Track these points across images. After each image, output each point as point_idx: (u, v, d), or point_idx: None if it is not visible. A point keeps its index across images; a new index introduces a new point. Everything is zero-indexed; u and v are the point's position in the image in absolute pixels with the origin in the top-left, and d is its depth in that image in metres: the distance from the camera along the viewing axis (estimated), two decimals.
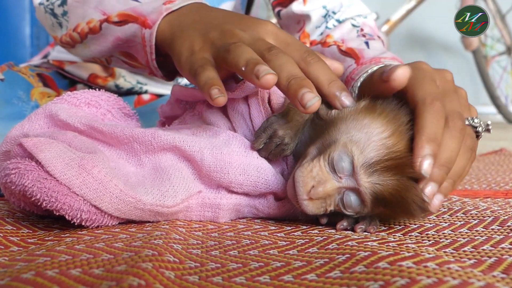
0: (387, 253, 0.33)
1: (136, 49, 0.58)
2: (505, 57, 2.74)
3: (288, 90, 0.41)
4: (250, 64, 0.40)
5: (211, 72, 0.42)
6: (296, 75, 0.41)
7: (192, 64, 0.45)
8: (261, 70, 0.39)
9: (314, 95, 0.39)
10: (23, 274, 0.29)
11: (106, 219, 0.43)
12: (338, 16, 0.76)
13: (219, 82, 0.41)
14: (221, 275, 0.32)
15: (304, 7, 0.78)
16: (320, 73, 0.44)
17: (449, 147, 0.43)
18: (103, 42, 0.60)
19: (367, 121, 0.43)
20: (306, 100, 0.39)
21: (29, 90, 0.75)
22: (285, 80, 0.41)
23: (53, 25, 0.68)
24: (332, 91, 0.44)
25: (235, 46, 0.43)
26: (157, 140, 0.47)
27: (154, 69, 0.57)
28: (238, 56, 0.41)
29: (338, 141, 0.42)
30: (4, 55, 1.38)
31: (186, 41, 0.48)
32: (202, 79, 0.42)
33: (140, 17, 0.55)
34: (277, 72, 0.41)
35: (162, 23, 0.53)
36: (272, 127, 0.46)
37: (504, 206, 0.54)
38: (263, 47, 0.43)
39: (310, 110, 0.39)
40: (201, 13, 0.52)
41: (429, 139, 0.42)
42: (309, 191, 0.41)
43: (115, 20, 0.57)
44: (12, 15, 1.43)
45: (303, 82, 0.40)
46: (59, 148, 0.42)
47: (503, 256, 0.35)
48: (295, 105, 0.40)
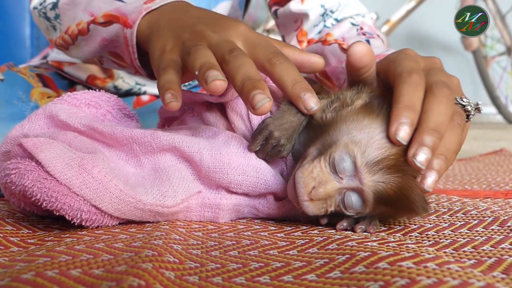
0: (387, 254, 0.33)
1: (121, 49, 0.58)
2: (505, 57, 2.74)
3: (242, 91, 0.40)
4: (203, 68, 0.40)
5: (171, 75, 0.42)
6: (251, 76, 0.40)
7: (159, 64, 0.45)
8: (210, 76, 0.39)
9: (265, 96, 0.39)
10: (23, 274, 0.29)
11: (106, 219, 0.43)
12: (336, 15, 0.76)
13: (175, 86, 0.41)
14: (221, 276, 0.32)
15: (302, 6, 0.78)
16: (284, 74, 0.44)
17: (436, 111, 0.41)
18: (92, 43, 0.61)
19: (367, 121, 0.43)
20: (256, 101, 0.39)
21: (29, 90, 0.75)
22: (239, 82, 0.41)
23: (48, 29, 0.68)
24: (295, 92, 0.43)
25: (196, 49, 0.43)
26: (156, 141, 0.47)
27: (138, 68, 0.57)
28: (195, 60, 0.41)
29: (339, 142, 0.42)
30: (4, 55, 1.38)
31: (160, 41, 0.48)
32: (161, 81, 0.42)
33: (122, 17, 0.55)
34: (233, 74, 0.41)
35: (142, 22, 0.53)
36: (268, 128, 0.46)
37: (504, 206, 0.54)
38: (225, 49, 0.43)
39: (259, 112, 0.39)
40: (179, 12, 0.52)
41: (405, 106, 0.41)
42: (310, 192, 0.41)
43: (100, 21, 0.58)
44: (12, 16, 1.43)
45: (256, 84, 0.40)
46: (59, 148, 0.42)
47: (503, 256, 0.35)
48: (247, 106, 0.40)
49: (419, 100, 0.42)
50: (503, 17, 2.57)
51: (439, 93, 0.42)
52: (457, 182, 0.78)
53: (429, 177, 0.41)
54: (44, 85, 0.78)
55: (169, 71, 0.43)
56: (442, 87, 0.43)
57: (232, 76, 0.41)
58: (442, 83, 0.43)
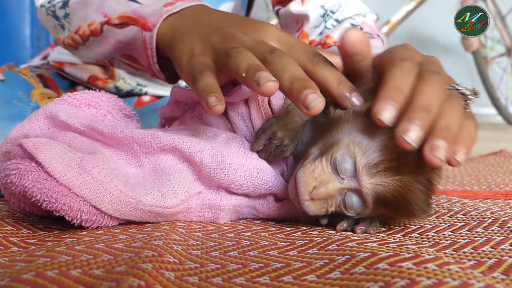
0: (387, 254, 0.33)
1: (138, 52, 0.57)
2: (505, 58, 2.74)
3: (291, 91, 0.39)
4: (251, 70, 0.39)
5: (210, 78, 0.41)
6: (299, 76, 0.40)
7: (191, 68, 0.44)
8: (262, 77, 0.38)
9: (318, 95, 0.38)
10: (23, 274, 0.29)
11: (106, 219, 0.43)
12: (336, 15, 0.76)
13: (217, 89, 0.40)
14: (221, 276, 0.32)
15: (302, 7, 0.77)
16: (328, 74, 0.43)
17: (426, 92, 0.38)
18: (105, 45, 0.60)
19: (369, 123, 0.43)
20: (309, 101, 0.38)
21: (29, 90, 0.75)
22: (287, 82, 0.39)
23: (56, 27, 0.67)
24: (342, 92, 0.43)
25: (236, 51, 0.42)
26: (157, 141, 0.47)
27: (157, 72, 0.56)
28: (239, 62, 0.40)
29: (341, 142, 0.42)
30: (4, 55, 1.38)
31: (186, 45, 0.47)
32: (200, 85, 0.41)
33: (141, 19, 0.54)
34: (279, 74, 0.40)
35: (162, 25, 0.52)
36: (272, 128, 0.46)
37: (504, 207, 0.54)
38: (265, 50, 0.42)
39: (313, 112, 0.38)
40: (202, 15, 0.51)
41: (393, 87, 0.39)
42: (311, 191, 0.41)
43: (115, 23, 0.57)
44: (12, 16, 1.43)
45: (306, 83, 0.39)
46: (59, 149, 0.42)
47: (503, 257, 0.35)
48: (298, 107, 0.39)
49: (408, 85, 0.39)
50: (503, 18, 2.57)
51: (430, 77, 0.40)
52: (457, 183, 0.78)
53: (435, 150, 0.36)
54: (45, 86, 0.78)
55: (207, 73, 0.42)
56: (434, 73, 0.41)
57: (278, 77, 0.39)
58: (434, 71, 0.41)
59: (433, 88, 0.39)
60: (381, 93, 0.39)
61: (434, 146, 0.36)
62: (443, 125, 0.38)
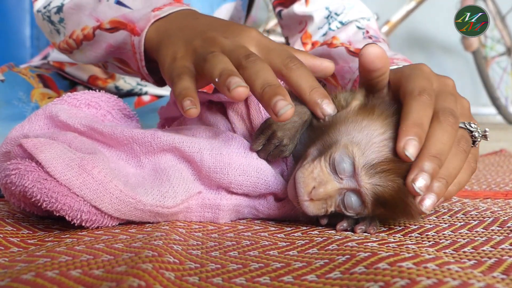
0: (387, 254, 0.33)
1: (128, 56, 0.58)
2: (505, 58, 2.74)
3: (262, 97, 0.40)
4: (223, 75, 0.40)
5: (187, 82, 0.42)
6: (271, 82, 0.40)
7: (171, 71, 0.45)
8: (233, 82, 0.39)
9: (287, 103, 0.39)
10: (23, 275, 0.29)
11: (106, 219, 0.43)
12: (341, 18, 0.76)
13: (192, 93, 0.41)
14: (221, 276, 0.32)
15: (306, 8, 0.77)
16: (301, 79, 0.44)
17: (439, 139, 0.41)
18: (97, 49, 0.61)
19: (367, 122, 0.43)
20: (278, 108, 0.38)
21: (29, 91, 0.75)
22: (259, 88, 0.40)
23: (51, 32, 0.68)
24: (313, 99, 0.44)
25: (212, 55, 0.42)
26: (156, 141, 0.47)
27: (146, 75, 0.57)
28: (213, 67, 0.41)
29: (339, 142, 0.42)
30: (4, 56, 1.38)
31: (170, 48, 0.48)
32: (177, 88, 0.42)
33: (130, 24, 0.55)
34: (252, 79, 0.40)
35: (150, 30, 0.53)
36: (271, 128, 0.46)
37: (504, 207, 0.54)
38: (241, 55, 0.43)
39: (282, 118, 0.39)
40: (188, 20, 0.52)
41: (414, 123, 0.41)
42: (310, 192, 0.41)
43: (107, 27, 0.58)
44: (12, 16, 1.43)
45: (277, 90, 0.39)
46: (59, 149, 0.42)
47: (503, 257, 0.35)
48: (269, 113, 0.40)
49: (427, 119, 0.42)
50: (503, 18, 2.57)
51: (445, 121, 0.42)
52: None
53: (428, 199, 0.41)
54: (45, 86, 0.78)
55: (184, 77, 0.43)
56: (448, 115, 0.43)
57: (251, 82, 0.40)
58: (449, 111, 0.43)
59: (446, 135, 0.41)
60: (405, 128, 0.41)
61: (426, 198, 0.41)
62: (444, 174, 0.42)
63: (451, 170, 0.42)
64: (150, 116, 0.76)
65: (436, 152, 0.40)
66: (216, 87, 0.41)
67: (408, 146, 0.40)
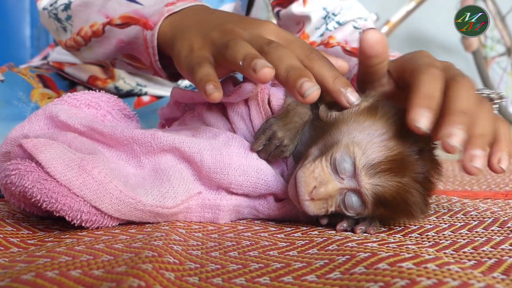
0: (387, 254, 0.33)
1: (139, 51, 0.57)
2: (505, 58, 2.74)
3: (287, 80, 0.40)
4: (247, 58, 0.40)
5: (208, 69, 0.42)
6: (295, 66, 0.40)
7: (190, 61, 0.45)
8: (259, 64, 0.39)
9: (313, 84, 0.39)
10: (23, 275, 0.29)
11: (106, 220, 0.43)
12: (338, 18, 0.76)
13: (215, 78, 0.41)
14: (221, 276, 0.32)
15: (304, 9, 0.77)
16: (324, 69, 0.44)
17: (463, 96, 0.39)
18: (107, 45, 0.60)
19: (369, 123, 0.43)
20: (305, 89, 0.38)
21: (29, 91, 0.75)
22: (284, 71, 0.40)
23: (58, 30, 0.68)
24: (337, 87, 0.43)
25: (234, 42, 0.42)
26: (156, 141, 0.47)
27: (159, 70, 0.57)
28: (236, 51, 0.41)
29: (340, 142, 0.42)
30: (4, 56, 1.38)
31: (186, 41, 0.48)
32: (198, 75, 0.41)
33: (142, 19, 0.55)
34: (276, 64, 0.40)
35: (163, 24, 0.53)
36: (272, 128, 0.46)
37: (504, 207, 0.54)
38: (262, 42, 0.43)
39: (309, 99, 0.39)
40: (203, 14, 0.52)
41: (425, 94, 0.39)
42: (311, 191, 0.41)
43: (117, 23, 0.57)
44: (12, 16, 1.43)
45: (302, 72, 0.39)
46: (59, 149, 0.42)
47: (503, 257, 0.35)
48: (294, 95, 0.40)
49: (440, 91, 0.40)
50: (503, 18, 2.57)
51: (463, 81, 0.41)
52: (457, 183, 0.78)
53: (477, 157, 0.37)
54: (45, 86, 0.78)
55: (205, 65, 0.43)
56: (465, 77, 0.41)
57: (275, 66, 0.40)
58: (463, 75, 0.42)
59: (467, 92, 0.40)
60: (414, 100, 0.39)
61: (473, 156, 0.37)
62: (479, 133, 0.39)
63: (487, 128, 0.40)
64: (150, 116, 0.76)
65: (464, 107, 0.38)
66: (240, 71, 0.41)
67: (419, 117, 0.38)
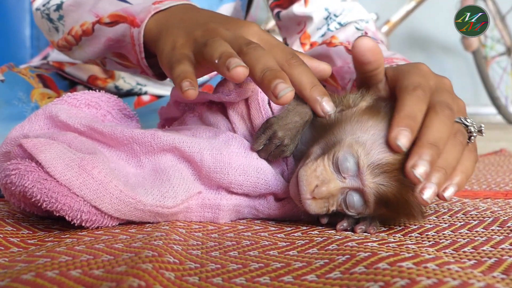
0: (387, 254, 0.33)
1: (127, 49, 0.58)
2: (505, 58, 2.74)
3: (262, 81, 0.40)
4: (223, 56, 0.40)
5: (186, 66, 0.42)
6: (271, 67, 0.41)
7: (170, 58, 0.45)
8: (232, 62, 0.39)
9: (287, 85, 0.39)
10: (23, 275, 0.29)
11: (106, 220, 0.43)
12: (340, 19, 0.76)
13: (191, 76, 0.41)
14: (221, 276, 0.32)
15: (305, 9, 0.77)
16: (303, 76, 0.44)
17: (437, 128, 0.41)
18: (96, 44, 0.61)
19: (372, 123, 0.43)
20: (279, 90, 0.39)
21: (29, 91, 0.75)
22: (259, 72, 0.40)
23: (50, 30, 0.68)
24: (313, 96, 0.44)
25: (213, 40, 0.43)
26: (156, 141, 0.47)
27: (145, 68, 0.57)
28: (213, 50, 0.41)
29: (343, 141, 0.42)
30: (4, 56, 1.38)
31: (170, 38, 0.48)
32: (176, 72, 0.42)
33: (130, 16, 0.55)
34: (253, 64, 0.41)
35: (149, 22, 0.53)
36: (272, 128, 0.46)
37: (504, 206, 0.54)
38: (243, 42, 0.43)
39: (282, 101, 0.39)
40: (189, 13, 0.52)
41: (406, 115, 0.41)
42: (312, 190, 0.41)
43: (106, 21, 0.58)
44: (12, 16, 1.43)
45: (278, 74, 0.40)
46: (59, 149, 0.42)
47: (503, 256, 0.35)
48: (269, 96, 0.40)
49: (421, 113, 0.42)
50: (503, 18, 2.57)
51: (441, 112, 0.42)
52: None
53: (428, 189, 0.40)
54: (45, 86, 0.78)
55: (184, 62, 0.43)
56: (445, 108, 0.43)
57: (251, 67, 0.41)
58: (445, 104, 0.43)
59: (443, 123, 0.41)
60: (397, 120, 0.41)
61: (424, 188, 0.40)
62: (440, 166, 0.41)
63: (450, 161, 0.42)
64: (150, 116, 0.76)
65: (434, 140, 0.40)
66: (216, 69, 0.41)
67: (400, 136, 0.40)
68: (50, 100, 0.60)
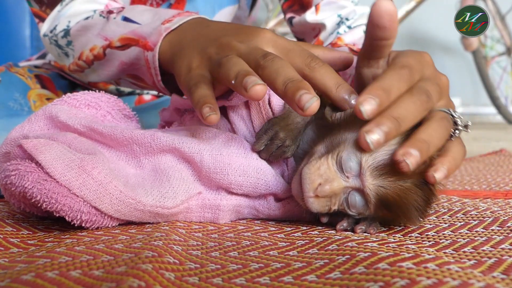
0: (387, 254, 0.33)
1: (142, 71, 0.58)
2: (504, 57, 2.74)
3: (286, 94, 0.39)
4: (239, 76, 0.39)
5: (204, 90, 0.42)
6: (293, 78, 0.39)
7: (188, 82, 0.45)
8: (249, 82, 0.38)
9: (312, 95, 0.38)
10: (23, 275, 0.29)
11: (106, 220, 0.43)
12: (350, 22, 0.76)
13: (211, 99, 0.40)
14: (221, 276, 0.32)
15: (316, 17, 0.77)
16: (326, 78, 0.43)
17: (405, 107, 0.39)
18: (109, 67, 0.60)
19: None
20: (303, 102, 0.37)
21: (25, 92, 0.75)
22: (281, 85, 0.39)
23: (59, 55, 0.68)
24: (340, 95, 0.42)
25: (227, 59, 0.42)
26: (156, 141, 0.47)
27: (162, 89, 0.57)
28: (228, 69, 0.40)
29: (348, 141, 0.42)
30: (4, 56, 1.38)
31: (185, 59, 0.48)
32: (196, 97, 0.41)
33: (141, 39, 0.55)
34: (273, 77, 0.40)
35: (162, 43, 0.52)
36: (274, 129, 0.46)
37: (504, 206, 0.54)
38: (258, 55, 0.42)
39: (309, 112, 0.38)
40: (200, 29, 0.52)
41: (381, 87, 0.39)
42: (316, 188, 0.41)
43: (117, 45, 0.57)
44: (12, 17, 1.44)
45: (300, 84, 0.38)
46: (59, 150, 0.42)
47: (503, 256, 0.35)
48: (294, 108, 0.39)
49: (397, 90, 0.40)
50: (503, 18, 2.57)
51: (417, 94, 0.41)
52: (457, 182, 0.78)
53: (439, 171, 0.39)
54: (42, 87, 0.78)
55: (201, 85, 0.42)
56: (422, 93, 0.41)
57: (272, 80, 0.40)
58: (425, 91, 0.41)
59: (413, 104, 0.40)
60: (369, 88, 0.39)
61: (407, 152, 0.38)
62: (422, 138, 0.39)
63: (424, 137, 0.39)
64: (151, 114, 0.76)
65: (398, 115, 0.38)
66: (234, 89, 0.40)
67: (365, 102, 0.38)
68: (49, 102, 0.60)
